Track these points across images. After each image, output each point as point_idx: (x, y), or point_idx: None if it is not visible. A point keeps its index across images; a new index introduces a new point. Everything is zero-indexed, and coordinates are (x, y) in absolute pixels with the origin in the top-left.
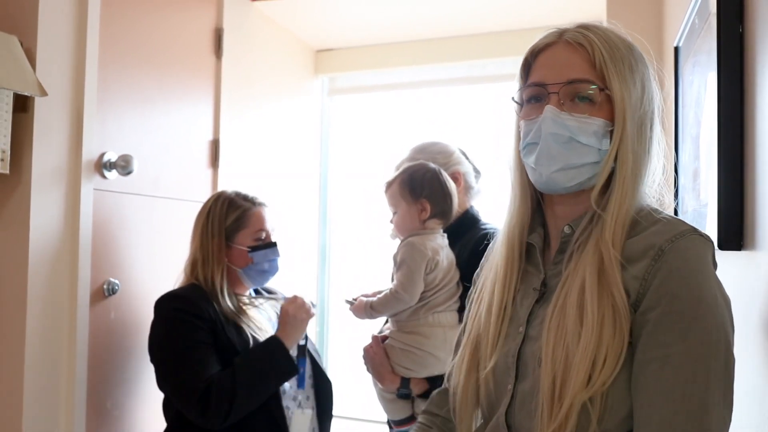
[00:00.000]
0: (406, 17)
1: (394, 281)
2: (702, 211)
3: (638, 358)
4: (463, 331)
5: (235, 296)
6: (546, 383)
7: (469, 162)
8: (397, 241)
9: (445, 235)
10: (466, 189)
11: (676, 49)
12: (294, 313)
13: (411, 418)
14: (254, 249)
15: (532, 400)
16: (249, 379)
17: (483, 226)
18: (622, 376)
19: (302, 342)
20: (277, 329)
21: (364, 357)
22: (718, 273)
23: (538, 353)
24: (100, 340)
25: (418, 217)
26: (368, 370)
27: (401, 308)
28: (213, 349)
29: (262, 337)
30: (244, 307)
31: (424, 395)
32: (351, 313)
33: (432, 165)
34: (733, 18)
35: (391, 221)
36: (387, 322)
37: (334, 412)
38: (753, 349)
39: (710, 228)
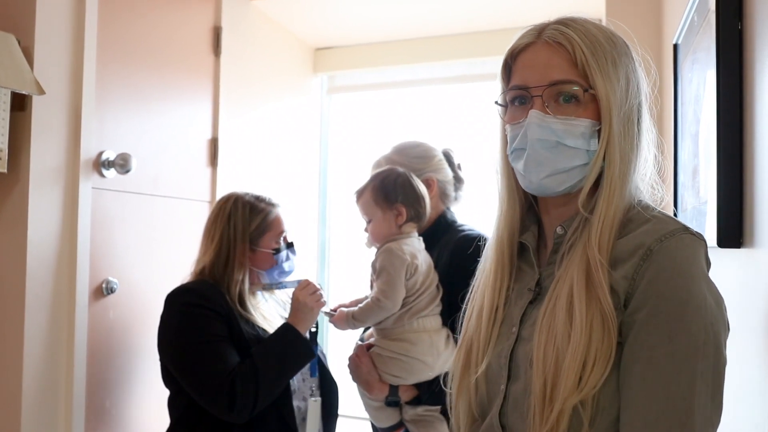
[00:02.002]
0: (406, 15)
1: (375, 289)
2: (701, 208)
3: (625, 359)
4: (459, 331)
5: (251, 292)
6: (537, 386)
7: (452, 170)
8: (374, 249)
9: (421, 238)
10: (441, 195)
11: (675, 47)
12: (304, 300)
13: (399, 425)
14: (277, 251)
15: (524, 402)
16: (270, 367)
17: (461, 228)
18: (612, 378)
19: (314, 329)
20: (289, 316)
21: (350, 366)
22: (718, 271)
23: (530, 354)
24: (98, 339)
25: (394, 222)
26: (354, 379)
27: (384, 316)
28: (230, 342)
29: (272, 329)
30: (257, 304)
31: (413, 402)
32: (332, 325)
33: (400, 169)
34: (732, 15)
35: (366, 230)
36: (368, 329)
37: (340, 412)
38: (752, 347)
39: (709, 225)
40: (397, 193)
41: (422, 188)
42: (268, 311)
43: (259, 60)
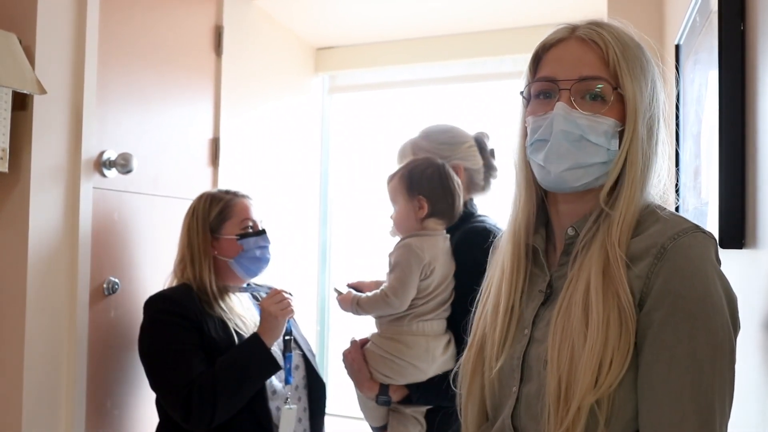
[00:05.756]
0: (407, 15)
1: (386, 284)
2: (703, 209)
3: (644, 359)
4: (470, 331)
5: (225, 292)
6: (552, 386)
7: (483, 157)
8: (396, 240)
9: (448, 236)
10: (468, 184)
11: (677, 47)
12: (269, 309)
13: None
14: (243, 236)
15: (537, 403)
16: (230, 379)
17: (475, 220)
18: (628, 377)
19: (287, 336)
20: (258, 326)
21: (344, 361)
22: None
23: (543, 356)
24: (100, 339)
25: (414, 215)
26: (348, 374)
27: (389, 312)
28: (199, 350)
29: (247, 331)
30: (231, 304)
31: (404, 401)
32: (337, 302)
33: (437, 161)
34: (735, 16)
35: (391, 217)
36: None
37: (333, 411)
38: (753, 348)
39: (711, 226)
40: (422, 185)
41: (455, 184)
42: (245, 313)
43: (261, 59)
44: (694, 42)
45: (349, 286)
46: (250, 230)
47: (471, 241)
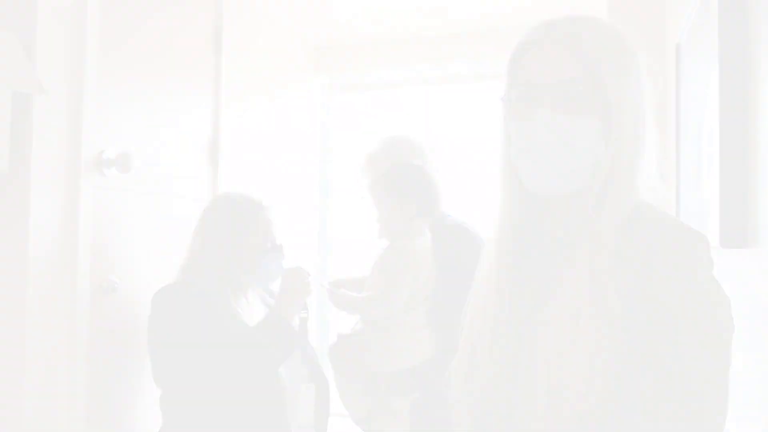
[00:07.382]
0: (407, 14)
1: (376, 287)
2: (704, 208)
3: (635, 363)
4: (461, 333)
5: (235, 291)
6: (542, 391)
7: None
8: (384, 241)
9: (429, 235)
10: None
11: (678, 46)
12: (293, 284)
13: None
14: (262, 253)
15: (528, 407)
16: (253, 355)
17: (441, 217)
18: (621, 382)
19: (304, 314)
20: (276, 298)
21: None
22: (720, 271)
23: (534, 359)
24: (99, 338)
25: (401, 216)
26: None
27: (377, 315)
28: (221, 328)
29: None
30: (236, 301)
31: (392, 388)
32: (329, 297)
33: (415, 162)
34: (736, 14)
35: (377, 220)
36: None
37: (332, 410)
38: (756, 347)
39: (712, 225)
40: (407, 187)
41: (435, 182)
42: (252, 313)
43: (260, 59)
44: (695, 40)
45: (330, 284)
46: (270, 246)
47: (447, 238)
